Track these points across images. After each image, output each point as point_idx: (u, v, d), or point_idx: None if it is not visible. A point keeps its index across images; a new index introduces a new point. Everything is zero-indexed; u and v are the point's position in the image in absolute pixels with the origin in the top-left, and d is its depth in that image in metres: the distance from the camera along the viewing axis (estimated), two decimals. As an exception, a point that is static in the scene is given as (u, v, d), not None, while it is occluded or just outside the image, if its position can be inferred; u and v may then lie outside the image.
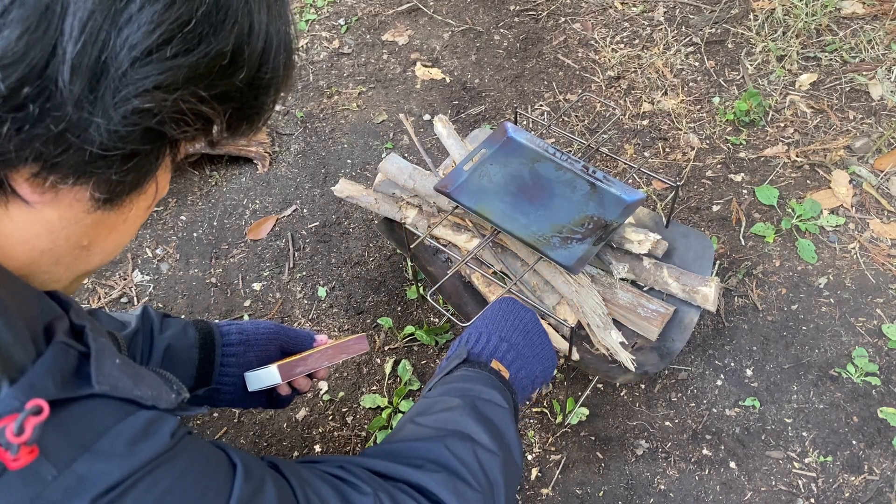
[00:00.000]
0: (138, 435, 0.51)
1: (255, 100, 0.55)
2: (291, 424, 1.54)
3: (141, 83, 0.46)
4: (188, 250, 1.87)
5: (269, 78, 0.54)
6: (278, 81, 0.56)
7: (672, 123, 2.01)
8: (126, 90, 0.46)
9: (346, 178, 1.67)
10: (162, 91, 0.47)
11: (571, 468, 1.44)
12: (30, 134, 0.45)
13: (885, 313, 1.59)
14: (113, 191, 0.52)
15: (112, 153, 0.48)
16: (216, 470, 0.57)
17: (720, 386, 1.52)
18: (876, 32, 2.13)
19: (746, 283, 1.67)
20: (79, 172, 0.49)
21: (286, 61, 0.56)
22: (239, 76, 0.51)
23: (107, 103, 0.46)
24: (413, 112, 2.14)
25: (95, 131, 0.46)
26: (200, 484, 0.54)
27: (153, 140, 0.50)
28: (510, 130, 1.49)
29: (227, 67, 0.50)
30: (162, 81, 0.47)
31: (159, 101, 0.47)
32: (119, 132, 0.47)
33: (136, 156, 0.50)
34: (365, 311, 1.71)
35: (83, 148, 0.47)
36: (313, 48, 2.36)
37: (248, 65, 0.52)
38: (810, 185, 1.83)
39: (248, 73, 0.52)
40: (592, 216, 1.35)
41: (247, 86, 0.53)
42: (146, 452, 0.50)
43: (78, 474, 0.47)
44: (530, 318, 1.02)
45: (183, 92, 0.48)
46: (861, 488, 1.37)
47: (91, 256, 0.59)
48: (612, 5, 2.37)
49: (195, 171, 2.04)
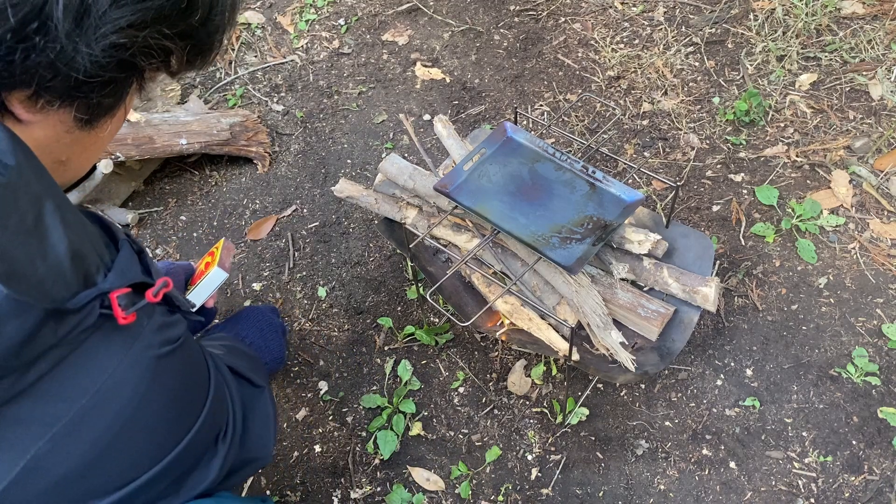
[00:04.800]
0: (175, 322, 0.78)
1: (208, 37, 0.68)
2: (291, 424, 1.54)
3: (117, 22, 0.57)
4: (188, 250, 1.87)
5: (218, 19, 0.67)
6: (225, 21, 0.69)
7: (672, 123, 2.01)
8: (105, 27, 0.57)
9: (346, 178, 1.67)
10: (134, 29, 0.58)
11: (571, 468, 1.44)
12: (34, 62, 0.56)
13: (885, 313, 1.59)
14: (92, 113, 0.65)
15: (93, 80, 0.59)
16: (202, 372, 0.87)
17: (720, 386, 1.52)
18: (876, 32, 2.13)
19: (746, 283, 1.67)
20: (65, 96, 0.60)
21: (231, 7, 0.69)
22: (195, 17, 0.64)
23: (90, 37, 0.56)
24: (413, 112, 2.14)
25: (81, 60, 0.57)
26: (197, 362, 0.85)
27: (126, 69, 0.62)
28: (510, 130, 1.49)
29: (185, 10, 0.62)
30: (134, 21, 0.58)
31: (132, 36, 0.58)
32: (100, 62, 0.58)
33: (112, 82, 0.62)
34: (365, 311, 1.71)
35: (70, 75, 0.58)
36: (313, 48, 2.36)
37: (202, 8, 0.64)
38: (810, 185, 1.83)
39: (202, 14, 0.64)
40: (592, 216, 1.35)
41: (201, 25, 0.65)
42: (178, 330, 0.78)
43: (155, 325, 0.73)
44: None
45: (151, 30, 0.60)
46: (861, 488, 1.37)
47: (67, 171, 0.71)
48: (612, 5, 2.37)
49: (195, 171, 2.04)
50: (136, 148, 1.83)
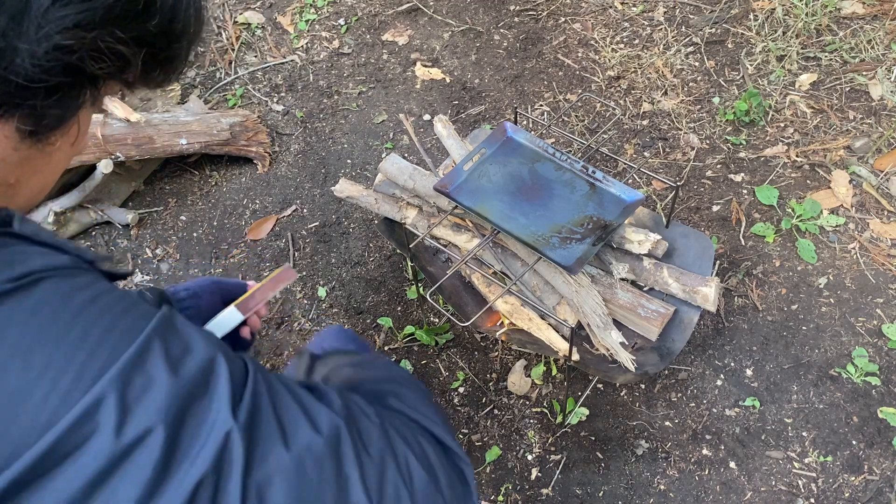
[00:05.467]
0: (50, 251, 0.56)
1: (168, 46, 0.62)
2: (291, 424, 1.54)
3: (61, 21, 0.52)
4: (188, 250, 1.87)
5: (180, 28, 0.61)
6: (189, 32, 0.63)
7: (672, 123, 2.01)
8: (48, 27, 0.52)
9: (346, 178, 1.67)
10: (81, 29, 0.53)
11: (571, 468, 1.44)
12: None
13: (885, 313, 1.59)
14: (38, 124, 0.58)
15: (37, 85, 0.54)
16: (136, 306, 0.56)
17: (720, 386, 1.52)
18: (876, 32, 2.13)
19: (746, 283, 1.66)
20: (5, 104, 0.55)
21: (196, 15, 0.63)
22: (152, 22, 0.58)
23: (31, 37, 0.52)
24: (413, 112, 2.14)
25: (21, 63, 0.52)
26: (118, 305, 0.54)
27: (74, 74, 0.56)
28: (510, 130, 1.49)
29: (140, 13, 0.57)
30: (81, 21, 0.53)
31: (79, 38, 0.53)
32: (43, 65, 0.53)
33: (59, 89, 0.56)
34: (365, 311, 1.71)
35: (9, 79, 0.52)
36: (313, 48, 2.36)
37: (161, 13, 0.59)
38: (810, 185, 1.83)
39: (161, 20, 0.59)
40: (592, 216, 1.35)
41: (160, 32, 0.59)
42: (61, 259, 0.55)
43: None
44: None
45: (101, 31, 0.54)
46: (861, 488, 1.37)
47: (17, 196, 0.63)
48: (612, 5, 2.37)
49: (195, 171, 2.04)
50: (136, 148, 1.83)
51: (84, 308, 0.52)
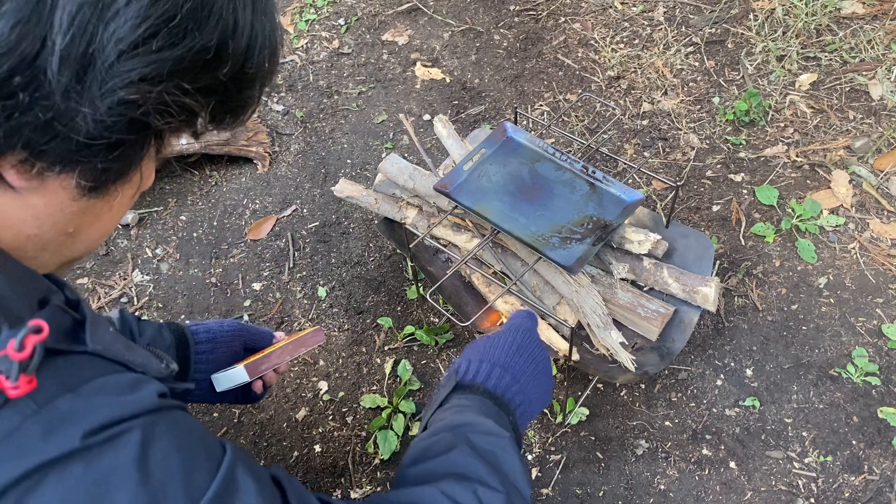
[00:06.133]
0: (125, 388, 0.50)
1: (239, 93, 0.57)
2: (291, 424, 1.54)
3: (127, 75, 0.48)
4: (188, 250, 1.87)
5: (253, 73, 0.56)
6: (262, 76, 0.57)
7: (672, 123, 2.01)
8: (112, 81, 0.47)
9: (346, 178, 1.67)
10: (147, 83, 0.49)
11: (571, 468, 1.44)
12: (18, 122, 0.47)
13: (885, 313, 1.59)
14: (98, 179, 0.54)
15: (98, 142, 0.50)
16: (208, 444, 0.54)
17: (720, 386, 1.52)
18: (876, 32, 2.13)
19: (746, 283, 1.67)
20: (65, 160, 0.51)
21: (271, 57, 0.57)
22: (223, 70, 0.53)
23: (93, 94, 0.47)
24: (413, 112, 2.14)
25: (82, 120, 0.48)
26: (190, 454, 0.51)
27: (138, 130, 0.52)
28: (510, 130, 1.49)
29: (211, 62, 0.52)
30: (147, 74, 0.48)
31: (144, 92, 0.49)
32: (105, 122, 0.49)
33: (121, 145, 0.52)
34: (365, 311, 1.71)
35: (70, 137, 0.49)
36: (313, 48, 2.36)
37: (233, 60, 0.53)
38: (810, 185, 1.83)
39: (233, 67, 0.54)
40: (592, 216, 1.35)
41: (231, 80, 0.54)
42: (133, 405, 0.50)
43: (61, 411, 0.46)
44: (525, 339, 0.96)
45: (167, 84, 0.50)
46: (861, 488, 1.37)
47: (76, 244, 0.60)
48: (612, 5, 2.37)
49: (195, 171, 2.04)
50: (136, 148, 1.83)
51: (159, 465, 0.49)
